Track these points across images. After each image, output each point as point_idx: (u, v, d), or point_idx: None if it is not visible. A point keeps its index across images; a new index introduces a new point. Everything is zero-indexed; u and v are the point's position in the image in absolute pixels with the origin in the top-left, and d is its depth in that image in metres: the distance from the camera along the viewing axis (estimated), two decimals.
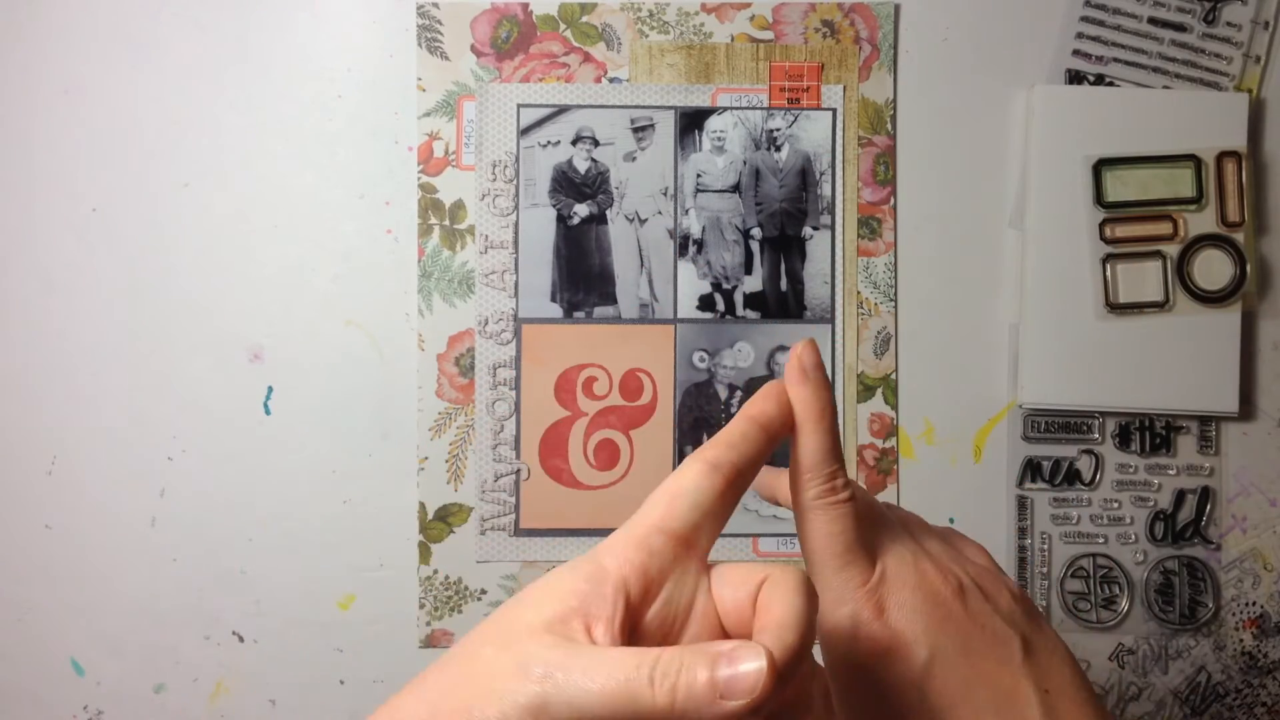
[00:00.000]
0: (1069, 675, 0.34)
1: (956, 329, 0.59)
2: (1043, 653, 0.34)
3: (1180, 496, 0.58)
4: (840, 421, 0.58)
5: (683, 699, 0.26)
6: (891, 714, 0.32)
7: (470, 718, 0.26)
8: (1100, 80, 0.58)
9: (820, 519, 0.33)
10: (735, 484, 0.31)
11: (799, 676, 0.29)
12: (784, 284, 0.58)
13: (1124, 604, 0.58)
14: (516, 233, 0.58)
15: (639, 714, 0.26)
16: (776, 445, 0.33)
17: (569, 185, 0.58)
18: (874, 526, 0.35)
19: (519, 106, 0.58)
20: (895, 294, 0.58)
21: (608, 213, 0.58)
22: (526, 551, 0.57)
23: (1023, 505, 0.58)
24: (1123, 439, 0.58)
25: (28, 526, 0.57)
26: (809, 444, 0.34)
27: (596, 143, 0.58)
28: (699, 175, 0.58)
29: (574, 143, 0.58)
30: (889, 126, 0.58)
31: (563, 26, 0.58)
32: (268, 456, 0.57)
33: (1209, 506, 0.58)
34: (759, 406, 0.33)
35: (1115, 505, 0.59)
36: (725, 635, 0.29)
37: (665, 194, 0.58)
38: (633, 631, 0.28)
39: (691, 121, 0.58)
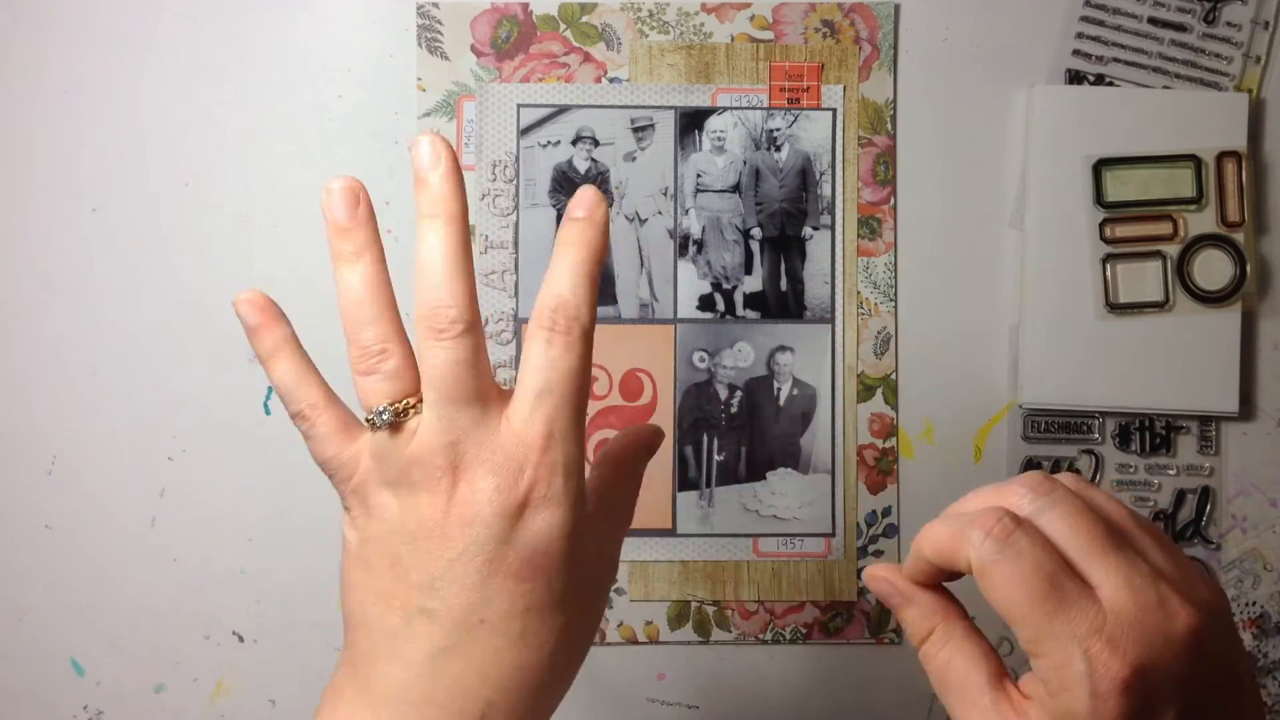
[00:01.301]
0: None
1: (956, 329, 0.59)
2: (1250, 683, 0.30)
3: (1180, 496, 0.58)
4: (840, 421, 0.58)
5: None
6: None
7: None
8: (1100, 80, 0.58)
9: (1000, 570, 0.29)
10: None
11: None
12: (784, 284, 0.58)
13: None
14: (516, 233, 0.58)
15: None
16: None
17: (569, 185, 0.58)
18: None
19: (519, 106, 0.58)
20: (895, 294, 0.58)
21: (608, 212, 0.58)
22: None
23: None
24: (1123, 439, 0.58)
25: (28, 526, 0.57)
26: (933, 548, 0.31)
27: (596, 143, 0.58)
28: (699, 175, 0.58)
29: (574, 143, 0.58)
30: (889, 126, 0.58)
31: (563, 26, 0.58)
32: (268, 456, 0.57)
33: (1209, 506, 0.58)
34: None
35: None
36: None
37: (665, 194, 0.58)
38: None
39: (691, 121, 0.58)
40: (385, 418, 0.33)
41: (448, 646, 0.32)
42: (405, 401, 0.33)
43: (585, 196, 0.35)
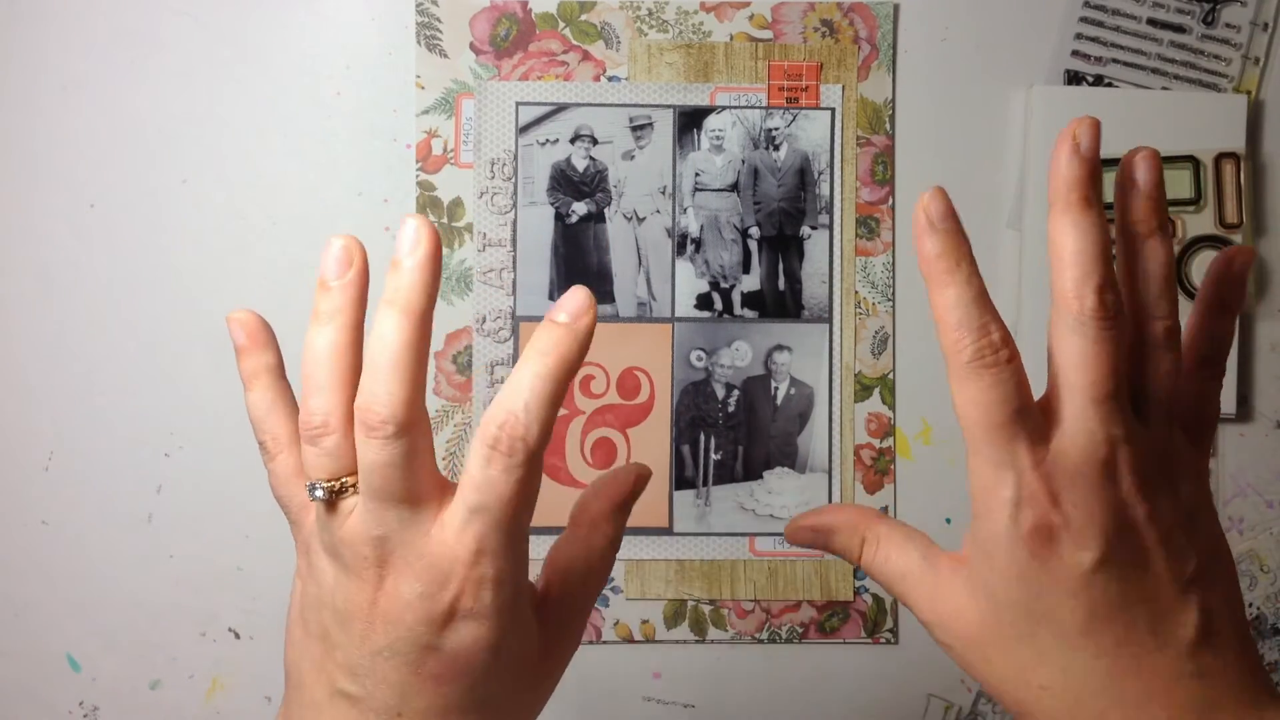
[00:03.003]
0: (1232, 597, 0.31)
1: None
2: (1213, 575, 0.31)
3: None
4: (837, 421, 0.58)
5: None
6: (1036, 612, 0.30)
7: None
8: (1099, 81, 0.58)
9: (974, 386, 0.31)
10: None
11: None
12: (782, 283, 0.58)
13: None
14: (514, 231, 0.58)
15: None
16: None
17: (567, 183, 0.58)
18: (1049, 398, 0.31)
19: (517, 104, 0.58)
20: (893, 294, 0.58)
21: (606, 211, 0.58)
22: None
23: None
24: None
25: (24, 522, 0.57)
26: (946, 298, 0.31)
27: (595, 141, 0.58)
28: (697, 174, 0.58)
29: (572, 141, 0.58)
30: (887, 126, 0.58)
31: (562, 25, 0.58)
32: None
33: None
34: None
35: None
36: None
37: (663, 193, 0.58)
38: None
39: (690, 120, 0.58)
40: (318, 494, 0.31)
41: None
42: (341, 481, 0.31)
43: (574, 300, 0.31)
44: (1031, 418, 0.31)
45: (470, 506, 0.31)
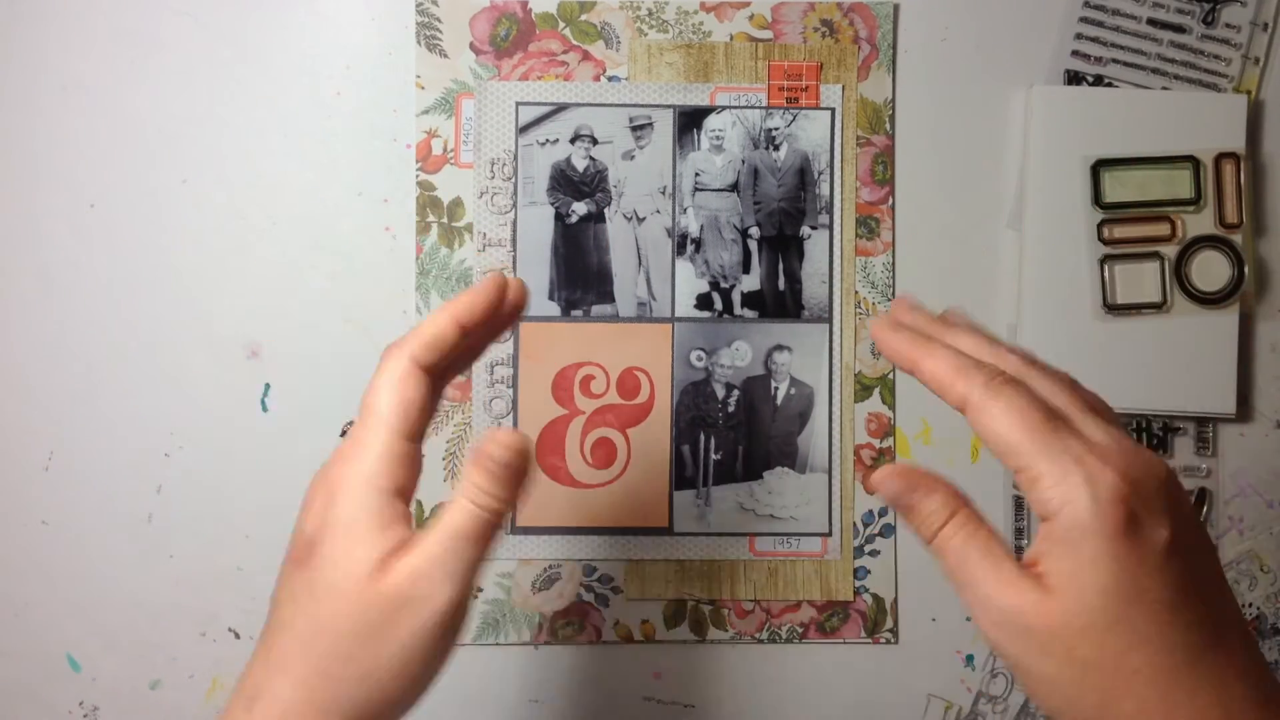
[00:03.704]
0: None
1: None
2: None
3: None
4: (837, 421, 0.58)
5: (502, 493, 0.35)
6: (1130, 593, 0.30)
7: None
8: (1099, 81, 0.58)
9: (1000, 404, 0.32)
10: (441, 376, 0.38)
11: None
12: (782, 283, 0.58)
13: None
14: (514, 231, 0.58)
15: (496, 526, 0.35)
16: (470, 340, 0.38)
17: (567, 183, 0.58)
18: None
19: (517, 104, 0.58)
20: (893, 294, 0.58)
21: (606, 211, 0.58)
22: (523, 550, 0.57)
23: (1020, 506, 0.58)
24: None
25: (25, 522, 0.57)
26: (936, 361, 0.34)
27: (595, 141, 0.58)
28: (697, 174, 0.58)
29: (572, 141, 0.58)
30: (887, 126, 0.58)
31: (562, 25, 0.58)
32: (265, 453, 0.57)
33: (1206, 508, 0.58)
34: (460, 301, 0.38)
35: None
36: None
37: (663, 193, 0.58)
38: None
39: (690, 120, 0.58)
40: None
41: None
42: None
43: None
44: (1060, 417, 0.32)
45: None
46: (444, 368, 0.38)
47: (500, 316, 0.39)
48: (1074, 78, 0.58)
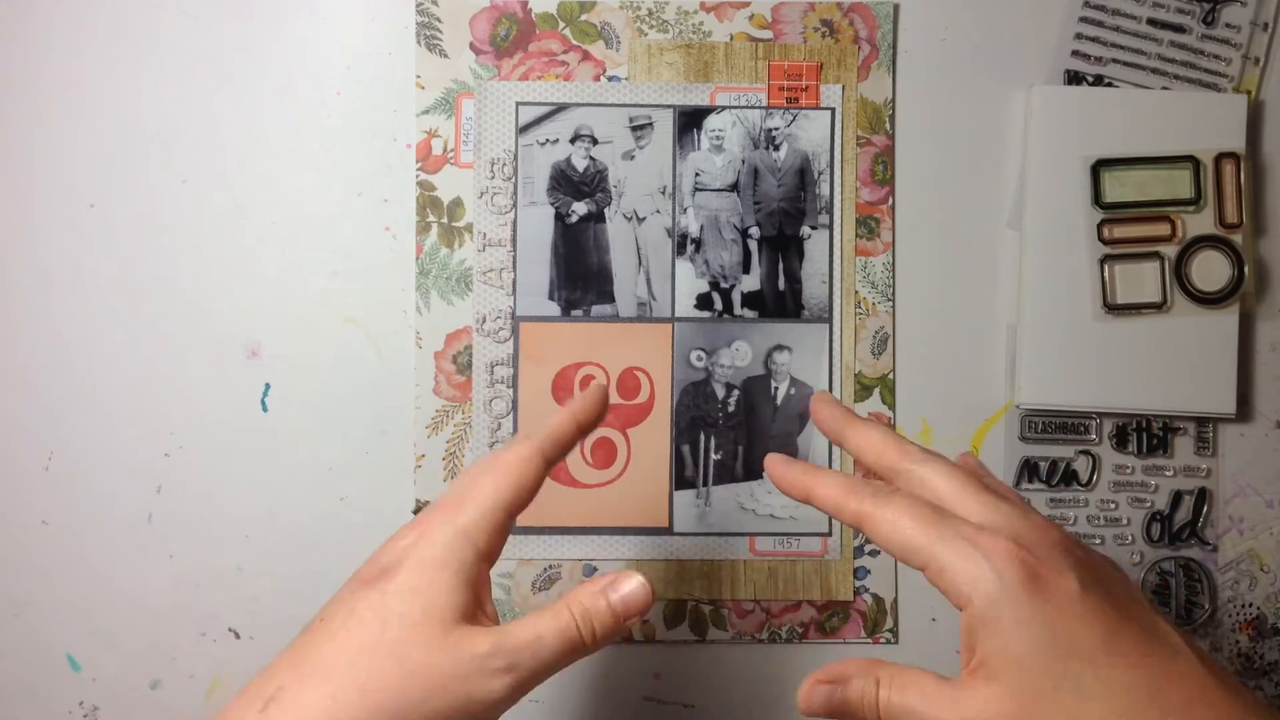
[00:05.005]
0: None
1: (954, 329, 0.59)
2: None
3: (1177, 498, 0.58)
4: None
5: (601, 630, 0.37)
6: (1062, 646, 0.31)
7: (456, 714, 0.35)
8: (1099, 81, 0.58)
9: (893, 507, 0.35)
10: (551, 468, 0.41)
11: None
12: (782, 283, 0.58)
13: None
14: (514, 231, 0.58)
15: (578, 653, 0.37)
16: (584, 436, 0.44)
17: (567, 183, 0.58)
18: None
19: (517, 104, 0.58)
20: (893, 294, 0.58)
21: (606, 211, 0.58)
22: (523, 550, 0.57)
23: None
24: (1120, 440, 0.58)
25: (24, 522, 0.57)
26: (827, 498, 0.38)
27: (595, 141, 0.58)
28: (697, 174, 0.58)
29: (572, 141, 0.58)
30: (887, 126, 0.58)
31: (562, 25, 0.58)
32: (265, 453, 0.57)
33: (1206, 508, 0.58)
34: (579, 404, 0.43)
35: (1112, 506, 0.59)
36: None
37: (663, 193, 0.58)
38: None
39: (690, 120, 0.58)
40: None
41: None
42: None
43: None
44: (945, 511, 0.35)
45: None
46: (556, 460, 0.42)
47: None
48: (1074, 78, 0.58)
